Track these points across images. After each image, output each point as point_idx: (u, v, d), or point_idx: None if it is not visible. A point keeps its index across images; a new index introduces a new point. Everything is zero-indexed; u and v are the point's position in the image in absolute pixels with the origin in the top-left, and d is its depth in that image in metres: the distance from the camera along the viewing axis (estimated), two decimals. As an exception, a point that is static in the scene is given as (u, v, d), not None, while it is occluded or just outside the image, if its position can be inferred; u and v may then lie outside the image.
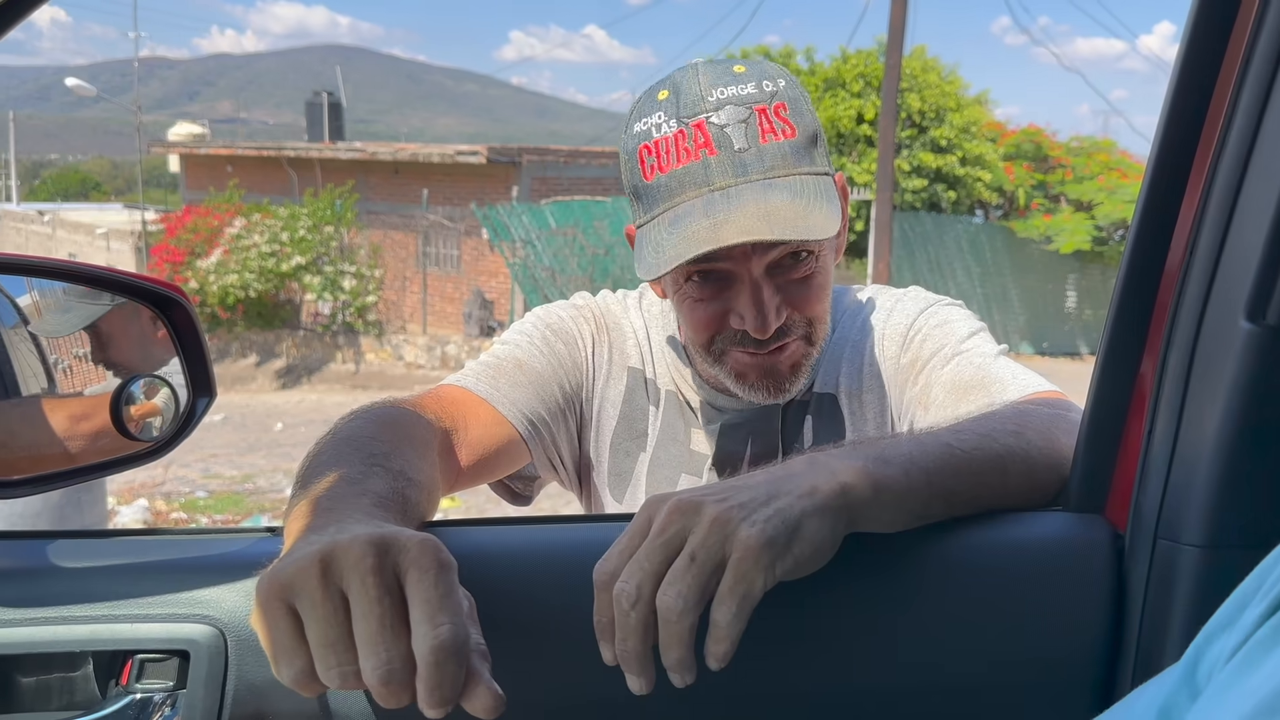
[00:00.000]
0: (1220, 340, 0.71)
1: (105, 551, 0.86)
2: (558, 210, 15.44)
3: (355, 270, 17.60)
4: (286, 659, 0.63)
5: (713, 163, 1.05)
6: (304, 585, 0.63)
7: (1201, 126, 0.75)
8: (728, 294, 1.10)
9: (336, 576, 0.63)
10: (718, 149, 1.05)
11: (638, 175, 1.11)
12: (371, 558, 0.63)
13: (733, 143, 1.05)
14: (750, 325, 1.09)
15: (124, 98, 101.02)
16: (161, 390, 1.01)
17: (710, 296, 1.11)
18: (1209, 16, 0.72)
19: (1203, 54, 0.73)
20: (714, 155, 1.05)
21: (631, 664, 0.71)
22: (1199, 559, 0.74)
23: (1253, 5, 0.69)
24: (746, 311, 1.09)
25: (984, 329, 1.21)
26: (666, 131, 1.08)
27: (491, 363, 1.21)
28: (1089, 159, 20.57)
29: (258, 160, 21.31)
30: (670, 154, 1.07)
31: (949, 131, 19.50)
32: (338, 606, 0.63)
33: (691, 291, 1.12)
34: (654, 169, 1.09)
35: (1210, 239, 0.72)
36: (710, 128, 1.06)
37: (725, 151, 1.05)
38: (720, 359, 1.15)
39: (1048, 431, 0.90)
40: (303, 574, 0.63)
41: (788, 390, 1.16)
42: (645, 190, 1.10)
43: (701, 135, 1.06)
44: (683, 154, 1.06)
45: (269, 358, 17.66)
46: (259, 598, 0.64)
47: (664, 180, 1.08)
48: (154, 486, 8.42)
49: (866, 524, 0.76)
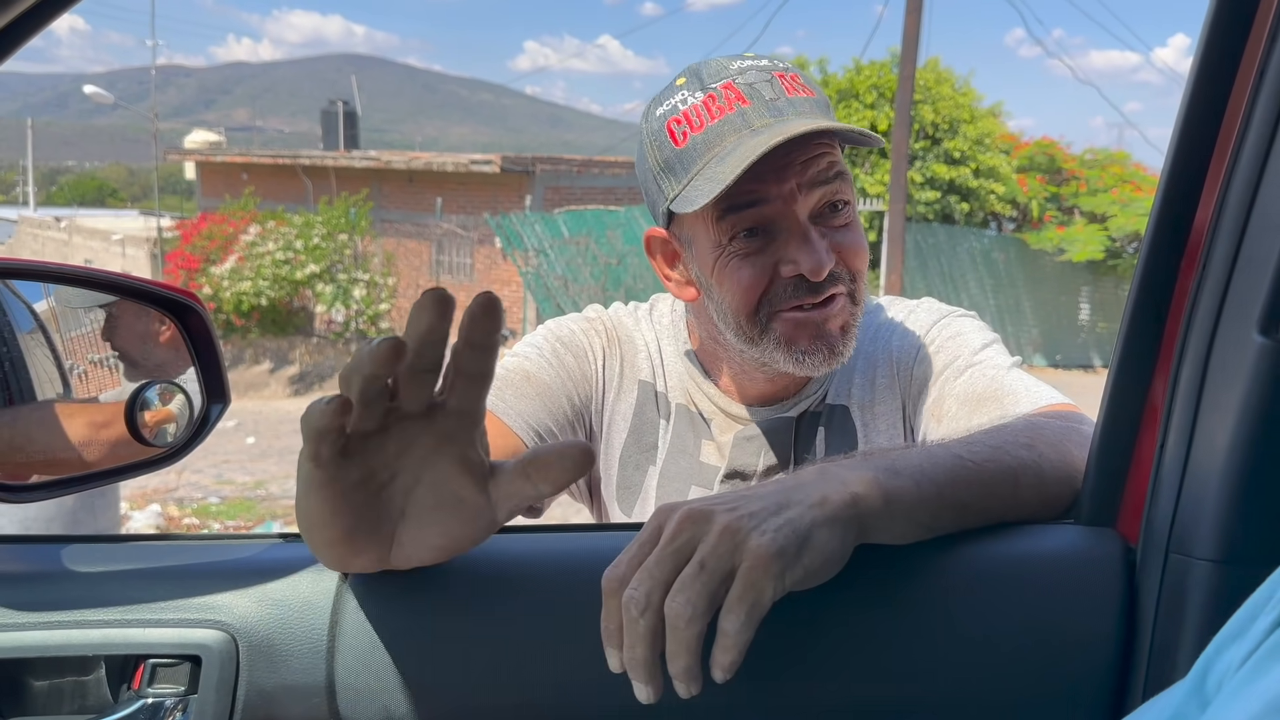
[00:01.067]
0: (1233, 354, 0.71)
1: (119, 556, 0.86)
2: (571, 219, 15.47)
3: (369, 278, 17.66)
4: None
5: (748, 110, 1.08)
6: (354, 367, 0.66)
7: (1215, 139, 0.75)
8: (774, 246, 1.11)
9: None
10: (750, 100, 1.08)
11: (667, 146, 1.12)
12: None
13: (763, 94, 1.08)
14: (805, 265, 1.09)
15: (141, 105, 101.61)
16: (176, 396, 1.01)
17: (758, 250, 1.11)
18: (1223, 29, 0.72)
19: (1217, 66, 0.73)
20: (748, 105, 1.08)
21: (639, 671, 0.70)
22: (1211, 573, 0.74)
23: (1267, 18, 0.69)
24: (800, 253, 1.09)
25: (997, 341, 1.21)
26: (693, 101, 1.11)
27: (500, 375, 1.21)
28: (1103, 171, 20.51)
29: (273, 168, 21.42)
30: (702, 115, 1.10)
31: (962, 143, 19.47)
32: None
33: (738, 248, 1.12)
34: (686, 134, 1.10)
35: (1223, 252, 0.72)
36: (739, 85, 1.09)
37: (757, 101, 1.08)
38: (767, 328, 1.13)
39: (1060, 444, 0.90)
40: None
41: (840, 354, 1.14)
42: (678, 156, 1.11)
43: (731, 93, 1.09)
44: (715, 112, 1.09)
45: (282, 364, 17.71)
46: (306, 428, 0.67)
47: (699, 138, 1.09)
48: (167, 492, 8.45)
49: (877, 535, 0.76)
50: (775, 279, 1.12)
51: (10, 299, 1.00)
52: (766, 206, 1.09)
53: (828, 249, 1.10)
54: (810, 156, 1.09)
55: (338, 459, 0.68)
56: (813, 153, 1.09)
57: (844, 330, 1.14)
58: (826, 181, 1.10)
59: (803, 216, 1.10)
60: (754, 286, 1.12)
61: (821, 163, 1.09)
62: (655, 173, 1.15)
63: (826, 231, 1.11)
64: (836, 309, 1.13)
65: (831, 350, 1.13)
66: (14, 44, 0.83)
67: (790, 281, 1.11)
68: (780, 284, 1.12)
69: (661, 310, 1.34)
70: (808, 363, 1.13)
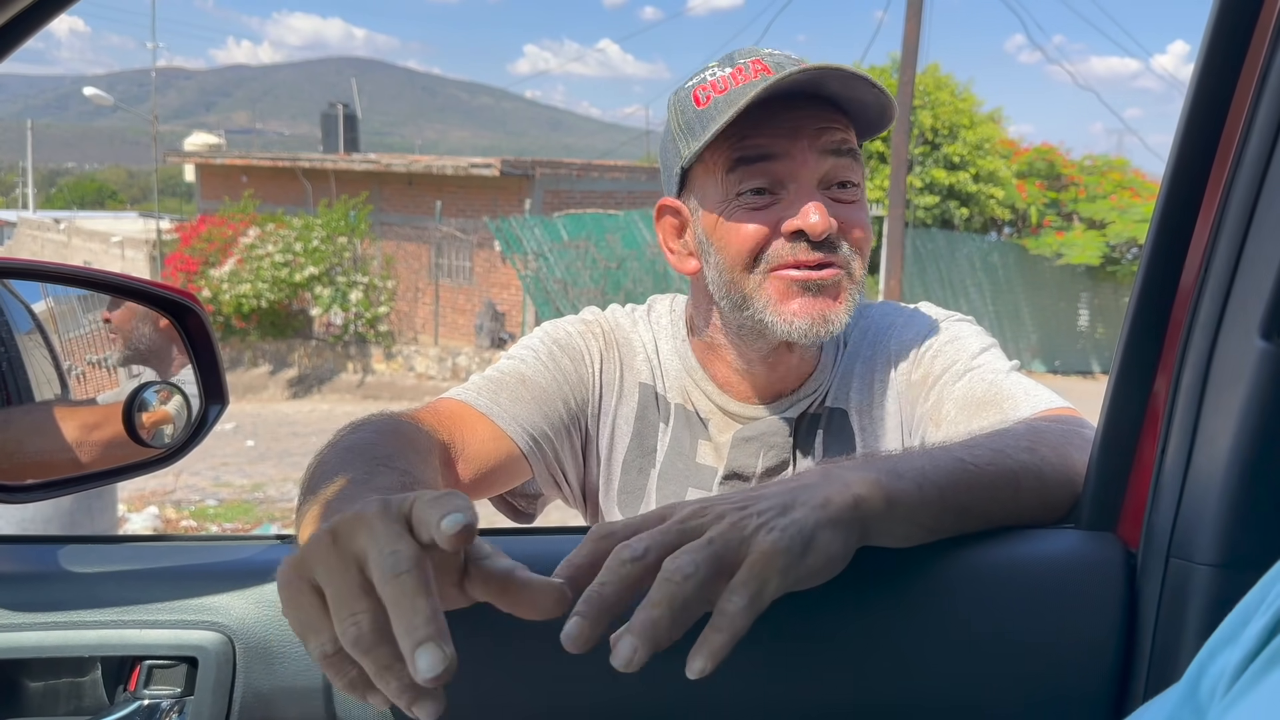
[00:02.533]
0: (1235, 358, 0.71)
1: (115, 557, 0.86)
2: (570, 223, 15.48)
3: (368, 281, 17.66)
4: (314, 631, 0.61)
5: (770, 78, 1.08)
6: (317, 554, 0.61)
7: (1217, 143, 0.75)
8: (780, 205, 1.12)
9: (346, 540, 0.61)
10: (775, 70, 1.10)
11: (690, 110, 1.14)
12: (377, 509, 0.62)
13: (786, 67, 1.09)
14: (810, 221, 1.09)
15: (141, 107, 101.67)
16: (174, 397, 1.01)
17: (763, 207, 1.12)
18: (1225, 34, 0.72)
19: (1219, 71, 0.73)
20: (771, 74, 1.09)
21: (593, 606, 0.64)
22: (1212, 578, 0.74)
23: (1269, 22, 0.69)
24: (806, 209, 1.10)
25: (995, 345, 1.21)
26: (721, 74, 1.13)
27: (494, 377, 1.21)
28: (1102, 177, 20.55)
29: (272, 171, 21.42)
30: (727, 82, 1.12)
31: (962, 149, 19.50)
32: (350, 565, 0.60)
33: (745, 202, 1.13)
34: (709, 96, 1.12)
35: (1225, 256, 0.72)
36: (766, 60, 1.12)
37: (781, 71, 1.08)
38: (760, 285, 1.13)
39: (1061, 448, 0.90)
40: (315, 544, 0.62)
41: (830, 322, 1.12)
42: (698, 116, 1.13)
43: (758, 64, 1.11)
44: (740, 79, 1.11)
45: (281, 367, 17.71)
46: (281, 583, 0.63)
47: (720, 98, 1.11)
48: (164, 494, 8.44)
49: (879, 537, 0.76)
50: (775, 235, 1.12)
51: (9, 300, 1.00)
52: (777, 162, 1.11)
53: (830, 215, 1.11)
54: (825, 126, 1.11)
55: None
56: (828, 123, 1.11)
57: (838, 299, 1.13)
58: (838, 153, 1.12)
59: (811, 178, 1.11)
60: (754, 236, 1.12)
61: (835, 135, 1.12)
62: (675, 136, 1.17)
63: (832, 203, 1.12)
64: (832, 275, 1.13)
65: (823, 317, 1.12)
66: (12, 44, 0.83)
67: (790, 239, 1.11)
68: (780, 240, 1.12)
69: (660, 311, 1.34)
70: (797, 325, 1.12)
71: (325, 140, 25.15)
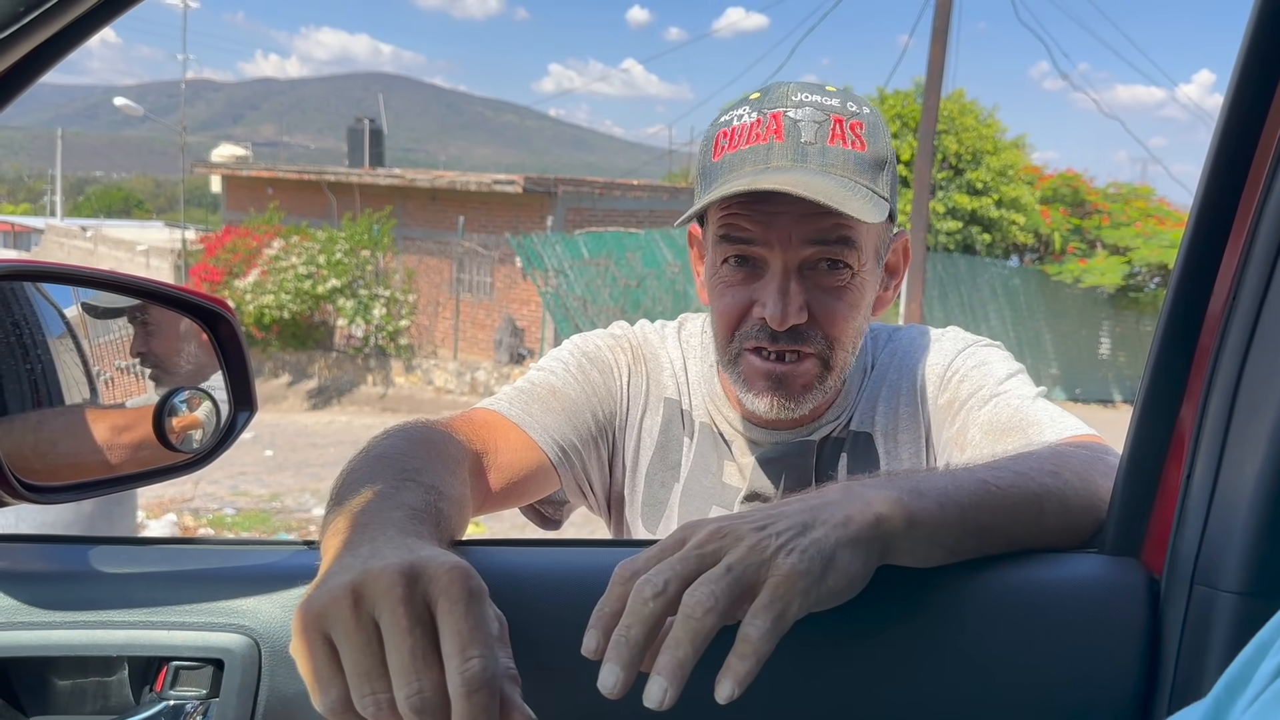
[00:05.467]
0: (1263, 385, 0.71)
1: (144, 559, 0.87)
2: (591, 241, 15.53)
3: (390, 294, 17.74)
4: (324, 687, 0.64)
5: (776, 147, 1.08)
6: (337, 615, 0.64)
7: (1248, 170, 0.75)
8: (758, 284, 1.12)
9: (369, 606, 0.64)
10: (785, 137, 1.09)
11: (708, 156, 1.15)
12: (401, 588, 0.64)
13: (801, 134, 1.09)
14: (768, 311, 1.09)
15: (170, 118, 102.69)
16: (204, 403, 1.02)
17: (740, 282, 1.13)
18: (1258, 60, 0.72)
19: (1251, 96, 0.73)
20: (780, 141, 1.09)
21: (622, 652, 0.66)
22: (1236, 606, 0.73)
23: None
24: (768, 297, 1.10)
25: (1022, 370, 1.21)
26: (745, 120, 1.12)
27: (525, 388, 1.22)
28: (1126, 205, 20.46)
29: (298, 183, 21.59)
30: (741, 137, 1.11)
31: (985, 174, 19.47)
32: (371, 636, 0.64)
33: (725, 275, 1.14)
34: (723, 150, 1.13)
35: (1253, 284, 0.72)
36: (785, 119, 1.10)
37: (791, 140, 1.08)
38: (735, 361, 1.16)
39: (1085, 473, 0.90)
40: (336, 604, 0.64)
41: (794, 406, 1.15)
42: (709, 169, 1.14)
43: (775, 124, 1.10)
44: (753, 137, 1.10)
45: (301, 378, 17.80)
46: (296, 627, 0.65)
47: (729, 157, 1.11)
48: (183, 502, 8.48)
49: (899, 556, 0.76)
50: (748, 315, 1.13)
51: (41, 303, 1.01)
52: (755, 246, 1.11)
53: (801, 306, 1.10)
54: (816, 213, 1.06)
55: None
56: (819, 209, 1.05)
57: (805, 389, 1.15)
58: (825, 242, 1.09)
59: (786, 265, 1.10)
60: (728, 314, 1.14)
61: (825, 222, 1.08)
62: (698, 176, 1.18)
63: (812, 288, 1.11)
64: (800, 368, 1.13)
65: (786, 399, 1.14)
66: (53, 59, 0.85)
67: (758, 322, 1.12)
68: (751, 321, 1.13)
69: (691, 330, 1.35)
70: (759, 406, 1.15)
71: (351, 154, 25.30)
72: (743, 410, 1.26)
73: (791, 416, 1.16)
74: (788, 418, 1.16)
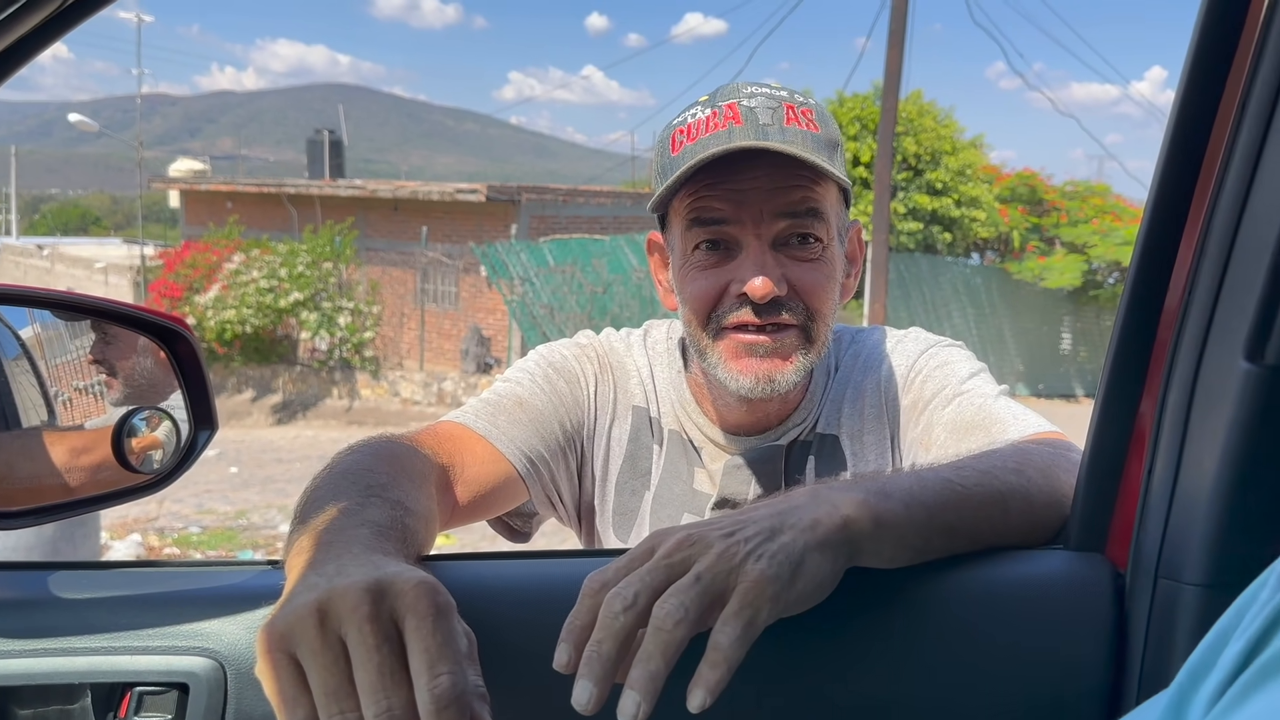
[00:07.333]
0: (1219, 379, 0.72)
1: (105, 583, 0.86)
2: (556, 248, 15.50)
3: (353, 306, 17.61)
4: (290, 708, 0.63)
5: (737, 130, 1.10)
6: (303, 635, 0.63)
7: (1200, 166, 0.76)
8: (732, 264, 1.13)
9: (335, 624, 0.63)
10: (744, 121, 1.10)
11: (666, 154, 1.16)
12: (368, 605, 0.63)
13: (758, 118, 1.10)
14: (750, 284, 1.10)
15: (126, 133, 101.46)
16: (163, 423, 1.01)
17: (715, 264, 1.14)
18: (1207, 57, 0.73)
19: (1201, 94, 0.74)
20: (740, 125, 1.10)
21: (595, 668, 0.66)
22: (1200, 598, 0.74)
23: (1249, 47, 0.70)
24: (747, 272, 1.11)
25: (984, 369, 1.22)
26: (701, 115, 1.14)
27: (492, 400, 1.21)
28: (1083, 203, 20.73)
29: (258, 197, 21.39)
30: (700, 129, 1.12)
31: (944, 174, 19.67)
32: (338, 655, 0.63)
33: (698, 260, 1.15)
34: (683, 143, 1.13)
35: (1209, 279, 0.73)
36: (741, 107, 1.12)
37: (750, 123, 1.10)
38: (714, 342, 1.16)
39: (1049, 470, 0.90)
40: (301, 623, 0.63)
41: (776, 382, 1.14)
42: (670, 162, 1.14)
43: (731, 112, 1.12)
44: (712, 126, 1.12)
45: (265, 393, 17.62)
46: (260, 648, 0.64)
47: (690, 147, 1.12)
48: (147, 521, 8.37)
49: (867, 558, 0.76)
50: (726, 294, 1.14)
51: (-5, 325, 1.00)
52: (728, 225, 1.12)
53: (780, 277, 1.12)
54: (784, 186, 1.10)
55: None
56: (787, 182, 1.10)
57: (787, 360, 1.14)
58: (795, 215, 1.12)
59: (761, 240, 1.12)
60: (704, 296, 1.15)
61: (794, 194, 1.11)
62: (656, 175, 1.19)
63: (787, 262, 1.13)
64: (783, 338, 1.14)
65: (768, 378, 1.14)
66: (2, 75, 0.83)
67: (736, 300, 1.13)
68: (729, 299, 1.14)
69: (657, 337, 1.35)
70: (743, 383, 1.14)
71: (311, 166, 25.14)
72: (712, 414, 1.26)
73: (772, 393, 1.15)
74: (769, 394, 1.15)
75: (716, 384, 1.20)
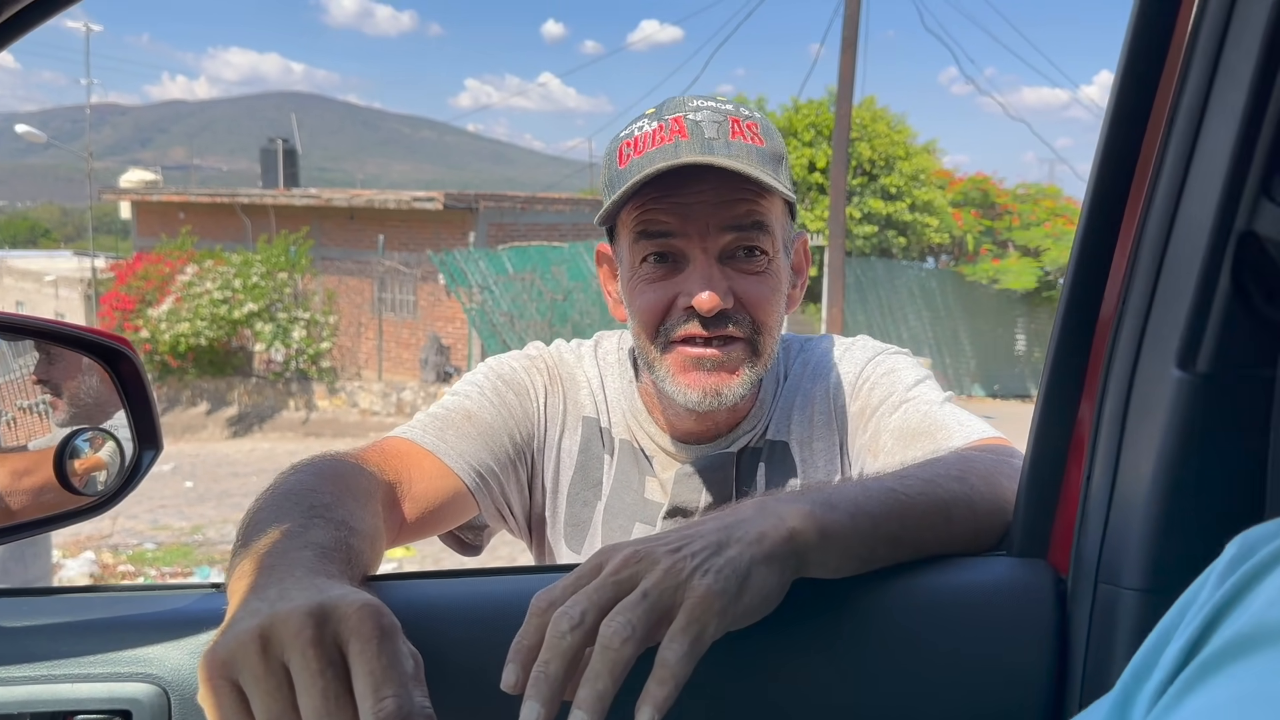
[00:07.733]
0: (1153, 387, 0.73)
1: (45, 610, 0.84)
2: (515, 256, 15.46)
3: (310, 317, 17.44)
4: None
5: (683, 144, 1.11)
6: (245, 661, 0.63)
7: (1133, 175, 0.77)
8: (679, 277, 1.14)
9: (278, 650, 0.63)
10: (689, 135, 1.11)
11: (614, 167, 1.17)
12: (310, 629, 0.63)
13: (704, 132, 1.11)
14: (696, 297, 1.11)
15: (75, 144, 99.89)
16: (107, 443, 0.99)
17: (663, 277, 1.15)
18: (1138, 66, 0.75)
19: (1133, 105, 0.75)
20: (685, 139, 1.11)
21: (542, 688, 0.65)
22: (1139, 602, 0.75)
23: (1178, 58, 0.72)
24: (694, 285, 1.12)
25: (929, 376, 1.24)
26: (647, 129, 1.15)
27: (440, 414, 1.21)
28: (1035, 205, 21.03)
29: (211, 207, 21.15)
30: (646, 142, 1.13)
31: (898, 179, 19.87)
32: (281, 681, 0.62)
33: (646, 273, 1.16)
34: (629, 156, 1.14)
35: (1142, 288, 0.74)
36: (686, 121, 1.13)
37: (695, 137, 1.11)
38: (663, 354, 1.16)
39: (991, 477, 0.92)
40: (243, 649, 0.63)
41: (723, 396, 1.15)
42: (617, 175, 1.15)
43: (678, 125, 1.12)
44: (658, 140, 1.13)
45: (220, 406, 17.40)
46: (202, 675, 0.64)
47: (637, 160, 1.13)
48: (101, 539, 8.23)
49: (814, 569, 0.77)
50: (674, 307, 1.15)
51: (-65, 346, 0.98)
52: (675, 239, 1.13)
53: (727, 290, 1.12)
54: (729, 200, 1.11)
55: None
56: (733, 196, 1.11)
57: (734, 373, 1.15)
58: (740, 228, 1.13)
59: (708, 253, 1.13)
60: (652, 309, 1.15)
61: (740, 208, 1.12)
62: (604, 188, 1.19)
63: (733, 275, 1.14)
64: (730, 351, 1.15)
65: (715, 391, 1.15)
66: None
67: (684, 313, 1.14)
68: (677, 312, 1.15)
69: (607, 347, 1.35)
70: (690, 396, 1.15)
71: (265, 175, 24.88)
72: (663, 423, 1.27)
73: (719, 406, 1.16)
74: (716, 408, 1.16)
75: (665, 395, 1.20)
